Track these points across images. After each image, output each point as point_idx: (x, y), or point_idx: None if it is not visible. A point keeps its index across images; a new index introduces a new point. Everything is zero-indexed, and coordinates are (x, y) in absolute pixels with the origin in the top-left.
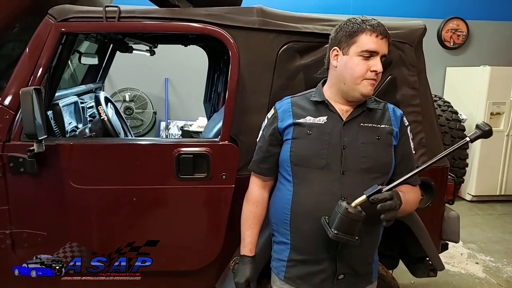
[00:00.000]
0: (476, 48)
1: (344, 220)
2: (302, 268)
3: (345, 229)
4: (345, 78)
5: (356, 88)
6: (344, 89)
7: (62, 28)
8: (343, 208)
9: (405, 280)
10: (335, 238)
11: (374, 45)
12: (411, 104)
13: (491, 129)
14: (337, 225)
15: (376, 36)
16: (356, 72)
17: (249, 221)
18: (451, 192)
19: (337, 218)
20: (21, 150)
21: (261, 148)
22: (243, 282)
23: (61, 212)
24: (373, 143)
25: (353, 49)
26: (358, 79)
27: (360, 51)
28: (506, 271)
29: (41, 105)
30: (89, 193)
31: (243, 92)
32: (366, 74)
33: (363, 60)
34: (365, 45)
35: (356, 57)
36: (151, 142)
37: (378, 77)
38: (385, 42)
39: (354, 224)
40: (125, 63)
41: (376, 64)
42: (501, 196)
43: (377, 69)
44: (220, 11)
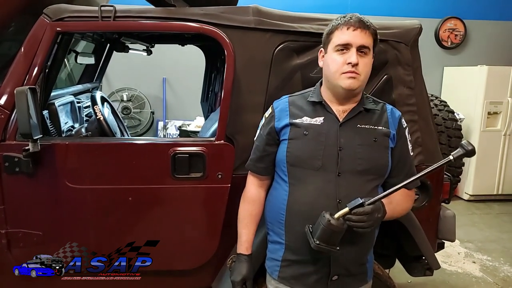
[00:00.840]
0: (474, 48)
1: (327, 231)
2: (296, 268)
3: (327, 240)
4: (327, 75)
5: (337, 83)
6: (330, 87)
7: (57, 27)
8: (326, 220)
9: (402, 280)
10: (316, 248)
11: (346, 37)
12: (407, 103)
13: (474, 149)
14: (319, 236)
15: (348, 28)
16: (333, 67)
17: (245, 220)
18: (447, 191)
19: (320, 229)
20: (16, 149)
21: (258, 147)
22: (239, 281)
23: (56, 212)
24: (369, 145)
25: (330, 46)
26: (336, 74)
27: (334, 46)
28: (503, 270)
29: (36, 105)
30: (85, 192)
31: (239, 91)
32: (343, 67)
33: (339, 55)
34: (337, 40)
35: (333, 53)
36: (147, 141)
37: (359, 70)
38: (360, 32)
39: (336, 235)
40: (123, 63)
41: (351, 56)
42: (499, 195)
43: (352, 61)
44: (216, 10)
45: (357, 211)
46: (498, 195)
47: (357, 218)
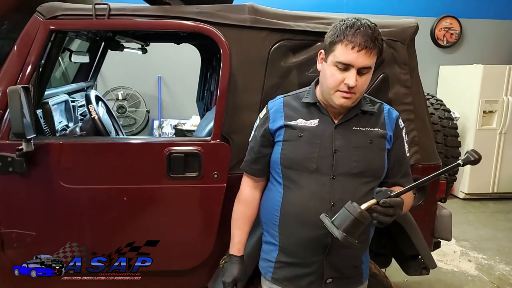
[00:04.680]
0: (469, 47)
1: (355, 223)
2: (290, 270)
3: (352, 232)
4: (323, 85)
5: (331, 98)
6: (325, 95)
7: (51, 25)
8: (358, 211)
9: (398, 279)
10: (344, 241)
11: (348, 57)
12: (404, 102)
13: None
14: (346, 227)
15: (352, 48)
16: (329, 83)
17: (238, 221)
18: (443, 190)
19: (348, 220)
20: (9, 149)
21: (253, 148)
22: (230, 282)
23: (50, 212)
24: (365, 147)
25: (330, 58)
26: (331, 90)
27: (335, 61)
28: (498, 268)
29: (29, 104)
30: (79, 192)
31: (235, 90)
32: (339, 86)
33: (338, 71)
34: (339, 56)
35: (332, 67)
36: (142, 141)
37: (356, 90)
38: (364, 54)
39: (361, 227)
40: (118, 62)
41: (350, 77)
42: (494, 194)
43: (349, 83)
44: (212, 8)
45: (385, 202)
46: (494, 193)
47: (383, 210)
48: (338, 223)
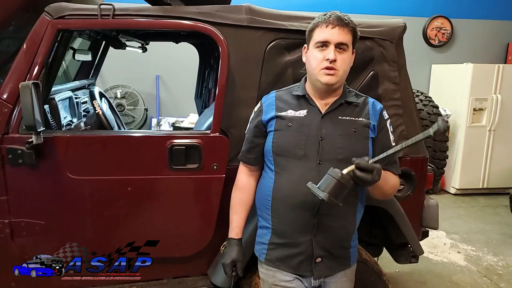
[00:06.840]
0: (460, 46)
1: (337, 185)
2: (282, 251)
3: (335, 194)
4: (309, 70)
5: (316, 78)
6: (312, 82)
7: (58, 25)
8: (339, 174)
9: (390, 269)
10: (327, 199)
11: (325, 35)
12: (392, 98)
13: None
14: (329, 190)
15: (326, 26)
16: (313, 63)
17: (236, 206)
18: (430, 181)
19: (331, 183)
20: (19, 142)
21: (248, 139)
22: (229, 263)
23: (58, 201)
24: (349, 135)
25: (311, 43)
26: (316, 69)
27: (314, 43)
28: (486, 259)
29: (39, 99)
30: (86, 183)
31: (233, 87)
32: (322, 63)
33: (319, 52)
34: (317, 37)
35: (314, 50)
36: (145, 134)
37: (337, 65)
38: (338, 30)
39: (344, 189)
40: (117, 61)
41: (329, 52)
42: (484, 189)
43: (330, 57)
44: (210, 9)
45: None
46: (483, 188)
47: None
48: (323, 187)
